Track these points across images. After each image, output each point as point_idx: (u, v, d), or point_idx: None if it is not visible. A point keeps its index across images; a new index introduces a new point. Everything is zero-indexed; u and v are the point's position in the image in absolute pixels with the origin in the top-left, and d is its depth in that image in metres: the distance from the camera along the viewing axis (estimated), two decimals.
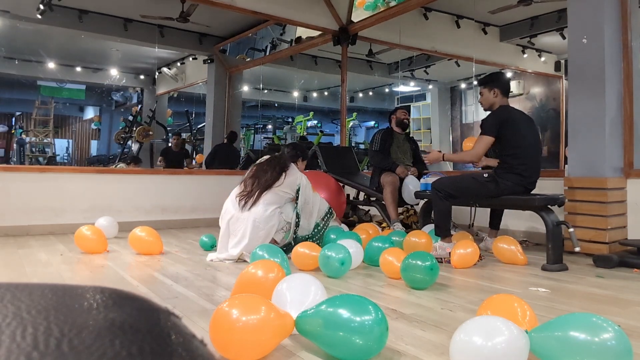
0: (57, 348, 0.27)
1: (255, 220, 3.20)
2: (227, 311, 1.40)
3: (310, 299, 1.65)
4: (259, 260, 2.21)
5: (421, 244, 3.08)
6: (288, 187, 3.39)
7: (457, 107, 8.75)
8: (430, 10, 6.13)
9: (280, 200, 3.36)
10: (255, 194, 3.29)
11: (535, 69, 7.47)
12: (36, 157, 9.29)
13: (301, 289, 1.70)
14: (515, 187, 3.15)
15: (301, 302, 1.63)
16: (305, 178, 3.52)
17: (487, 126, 3.16)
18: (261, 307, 1.43)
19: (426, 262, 2.35)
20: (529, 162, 3.15)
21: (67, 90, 9.67)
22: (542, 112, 7.49)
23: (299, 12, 5.82)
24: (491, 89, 3.25)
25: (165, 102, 9.62)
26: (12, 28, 6.76)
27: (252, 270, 2.01)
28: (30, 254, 3.28)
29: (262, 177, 3.36)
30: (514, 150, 3.13)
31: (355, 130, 11.81)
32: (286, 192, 3.39)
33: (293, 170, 3.47)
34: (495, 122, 3.15)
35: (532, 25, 6.41)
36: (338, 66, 6.82)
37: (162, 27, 7.02)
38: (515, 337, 1.26)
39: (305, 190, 3.47)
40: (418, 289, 2.38)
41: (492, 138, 3.13)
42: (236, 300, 1.45)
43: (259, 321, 1.40)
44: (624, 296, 2.31)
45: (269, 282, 1.92)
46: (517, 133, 3.15)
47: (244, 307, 1.42)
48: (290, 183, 3.40)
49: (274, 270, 2.00)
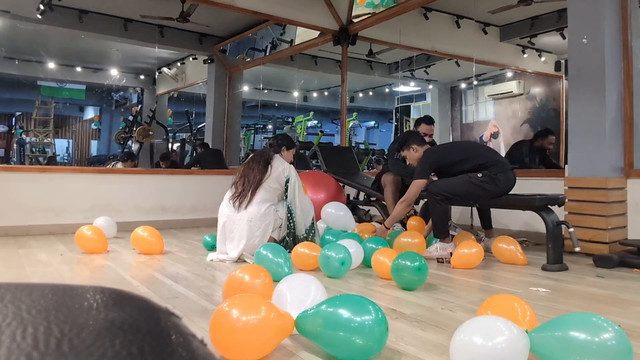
0: (58, 348, 0.27)
1: (250, 220, 3.20)
2: (228, 311, 1.40)
3: (310, 299, 1.65)
4: (246, 265, 2.21)
5: (412, 244, 3.09)
6: (276, 181, 3.37)
7: (457, 107, 8.75)
8: (430, 10, 6.12)
9: (273, 197, 3.36)
10: (247, 193, 3.28)
11: (536, 68, 7.46)
12: (36, 157, 9.29)
13: (301, 289, 1.70)
14: (508, 175, 3.22)
15: (301, 302, 1.63)
16: (295, 171, 3.48)
17: (418, 172, 3.38)
18: (261, 307, 1.43)
19: (415, 262, 2.34)
20: (487, 154, 3.32)
21: (68, 90, 9.67)
22: (542, 112, 7.48)
23: (299, 12, 5.82)
24: (408, 148, 3.48)
25: (165, 102, 9.62)
26: (12, 28, 6.75)
27: (240, 275, 2.01)
28: (30, 254, 3.28)
29: (250, 175, 3.35)
30: (465, 159, 3.30)
31: (356, 130, 11.80)
32: (275, 187, 3.37)
33: (278, 162, 3.44)
34: (425, 166, 3.37)
35: (532, 25, 6.40)
36: (338, 66, 6.82)
37: (162, 27, 7.01)
38: (515, 337, 1.26)
39: (295, 182, 3.42)
40: (409, 289, 2.38)
41: (424, 180, 3.33)
42: (236, 301, 1.45)
43: (259, 321, 1.40)
44: (624, 296, 2.31)
45: (256, 288, 1.94)
46: (450, 152, 3.45)
47: (244, 307, 1.42)
48: (277, 176, 3.38)
49: (260, 275, 2.00)
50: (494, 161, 3.25)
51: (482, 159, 3.26)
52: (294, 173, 3.47)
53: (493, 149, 3.52)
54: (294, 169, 3.51)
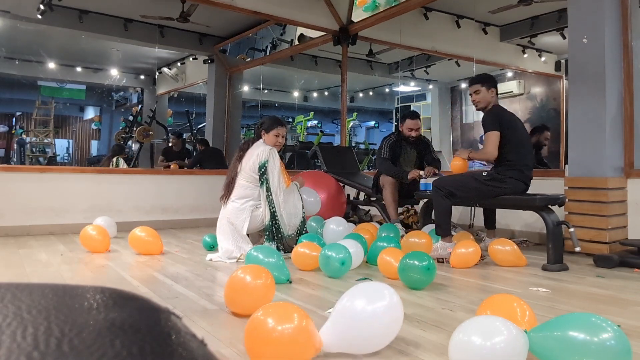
0: (58, 348, 0.27)
1: (228, 218, 3.18)
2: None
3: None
4: (248, 265, 2.16)
5: (420, 244, 3.07)
6: (250, 171, 3.18)
7: (458, 106, 8.76)
8: (431, 10, 6.12)
9: (252, 192, 3.20)
10: (226, 190, 3.26)
11: (536, 68, 7.46)
12: (36, 157, 9.29)
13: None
14: (517, 184, 3.17)
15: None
16: (275, 154, 3.19)
17: (490, 122, 3.19)
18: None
19: (423, 262, 2.34)
20: (528, 157, 3.23)
21: (68, 90, 9.67)
22: (543, 112, 7.48)
23: (299, 12, 5.82)
24: (489, 88, 3.30)
25: (165, 102, 9.62)
26: (12, 28, 6.76)
27: (241, 275, 1.97)
28: (30, 254, 3.28)
29: (230, 170, 3.30)
30: (514, 148, 3.17)
31: (356, 130, 11.80)
32: (253, 178, 3.18)
33: (253, 148, 3.23)
34: (496, 119, 3.20)
35: (533, 25, 6.40)
36: (338, 66, 6.82)
37: (162, 27, 7.02)
38: (514, 337, 1.26)
39: (274, 169, 3.14)
40: (415, 289, 2.38)
41: (498, 132, 3.15)
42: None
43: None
44: (625, 296, 2.31)
45: (258, 288, 1.91)
46: (515, 131, 3.22)
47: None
48: (252, 165, 3.18)
49: (261, 276, 1.97)
50: (530, 165, 3.21)
51: (528, 156, 3.21)
52: (274, 158, 3.16)
53: (532, 151, 3.38)
54: (275, 153, 3.20)
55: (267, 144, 3.28)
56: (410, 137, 4.29)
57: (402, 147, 4.37)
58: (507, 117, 3.27)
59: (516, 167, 3.15)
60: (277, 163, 3.20)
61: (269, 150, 3.20)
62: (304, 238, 3.11)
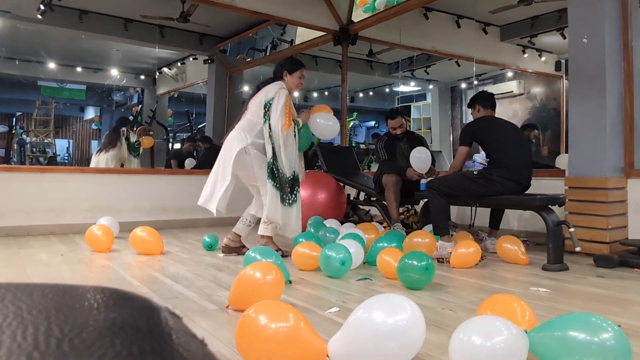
0: (58, 348, 0.27)
1: (223, 149, 3.19)
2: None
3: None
4: (257, 262, 2.15)
5: (421, 244, 3.07)
6: (257, 106, 3.09)
7: (458, 107, 8.75)
8: (431, 10, 6.12)
9: (251, 125, 3.11)
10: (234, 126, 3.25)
11: (536, 68, 7.46)
12: (37, 157, 9.29)
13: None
14: (507, 183, 3.20)
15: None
16: (284, 93, 3.05)
17: (462, 138, 3.47)
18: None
19: (422, 262, 2.34)
20: (510, 154, 3.28)
21: (68, 90, 9.67)
22: (543, 112, 7.48)
23: (299, 12, 5.82)
24: (473, 107, 3.57)
25: (165, 102, 9.62)
26: (12, 28, 6.75)
27: (250, 272, 1.97)
28: (31, 254, 3.28)
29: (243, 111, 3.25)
30: (495, 147, 3.34)
31: (356, 130, 11.79)
32: (253, 116, 3.08)
33: (269, 86, 3.13)
34: (468, 134, 3.47)
35: (533, 25, 6.40)
36: (338, 66, 6.82)
37: (162, 27, 7.01)
38: (514, 337, 1.26)
39: (277, 107, 2.99)
40: (414, 289, 2.38)
41: (467, 148, 3.44)
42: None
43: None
44: (625, 296, 2.31)
45: (267, 285, 1.91)
46: (491, 133, 3.39)
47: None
48: (260, 101, 3.08)
49: (272, 272, 1.97)
50: (517, 161, 3.26)
51: (510, 152, 3.27)
52: (279, 97, 3.02)
53: (525, 151, 3.41)
54: (283, 93, 3.06)
55: (289, 86, 3.19)
56: (397, 135, 4.44)
57: (395, 144, 4.48)
58: (486, 125, 3.45)
59: (501, 165, 3.23)
60: (281, 102, 3.05)
61: (278, 89, 3.10)
62: (302, 237, 3.12)
